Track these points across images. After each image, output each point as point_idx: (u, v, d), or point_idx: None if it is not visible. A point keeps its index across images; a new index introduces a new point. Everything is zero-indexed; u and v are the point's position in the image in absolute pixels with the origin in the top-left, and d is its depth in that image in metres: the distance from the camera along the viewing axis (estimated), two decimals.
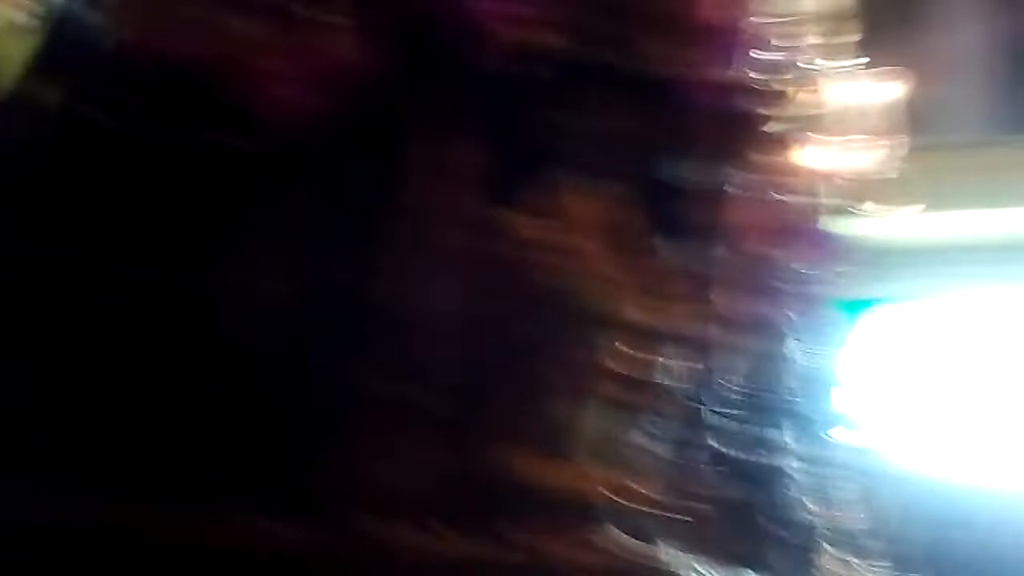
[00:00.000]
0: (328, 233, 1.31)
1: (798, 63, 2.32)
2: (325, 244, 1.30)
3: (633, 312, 1.22)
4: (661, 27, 1.30)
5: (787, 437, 1.82)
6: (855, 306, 3.97)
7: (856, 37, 2.56)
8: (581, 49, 1.27)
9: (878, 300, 4.13)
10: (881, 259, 2.75)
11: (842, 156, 2.42)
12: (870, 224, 2.44)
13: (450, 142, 1.27)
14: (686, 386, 1.31)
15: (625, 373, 1.20)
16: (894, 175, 2.39)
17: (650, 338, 1.23)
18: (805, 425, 1.80)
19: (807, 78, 2.39)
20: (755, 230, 1.56)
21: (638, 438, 1.27)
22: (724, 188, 1.37)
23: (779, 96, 1.44)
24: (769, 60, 1.45)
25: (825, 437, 1.93)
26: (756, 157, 1.40)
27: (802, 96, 2.35)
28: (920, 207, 3.69)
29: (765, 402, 1.75)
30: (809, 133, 2.47)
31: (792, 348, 1.88)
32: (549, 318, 1.18)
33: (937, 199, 3.84)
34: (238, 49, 1.36)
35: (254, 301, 1.27)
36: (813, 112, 2.46)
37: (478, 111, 1.28)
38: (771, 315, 1.64)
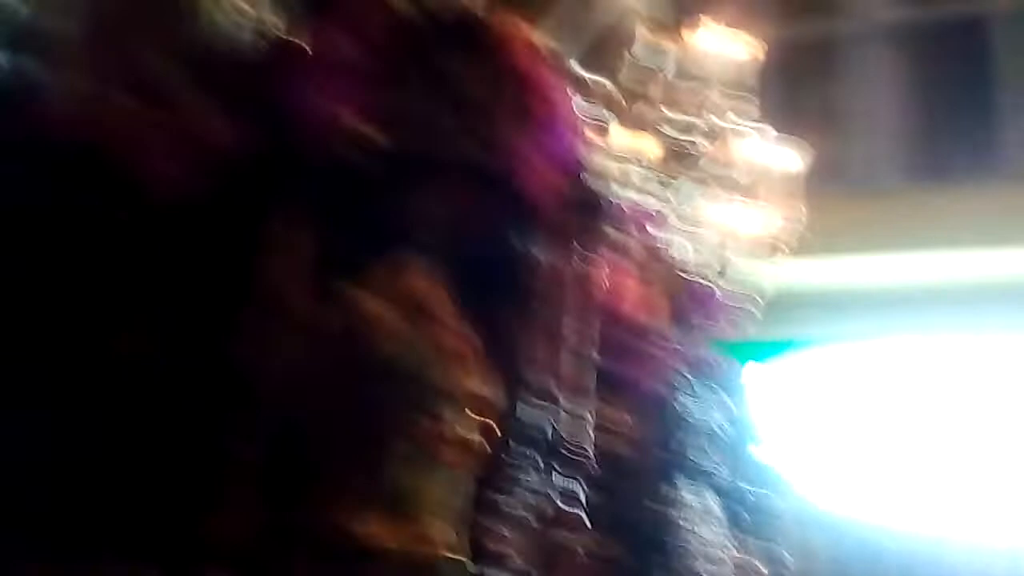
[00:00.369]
0: (192, 295, 1.38)
1: (706, 123, 2.42)
2: (188, 305, 1.37)
3: (473, 382, 1.26)
4: (492, 120, 1.37)
5: (682, 491, 1.85)
6: (766, 351, 4.07)
7: (759, 99, 2.67)
8: (414, 141, 1.34)
9: (792, 344, 4.24)
10: (797, 304, 2.81)
11: (748, 212, 2.52)
12: (784, 271, 2.52)
13: (300, 221, 1.34)
14: (540, 448, 1.34)
15: (467, 439, 1.24)
16: (801, 227, 2.48)
17: (490, 406, 1.27)
18: (703, 477, 1.84)
19: (716, 137, 2.50)
20: (612, 300, 1.62)
21: (492, 499, 1.30)
22: (567, 262, 1.42)
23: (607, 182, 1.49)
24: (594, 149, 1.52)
25: (732, 484, 1.97)
26: (602, 235, 1.46)
27: (711, 154, 2.46)
28: (834, 253, 3.79)
29: (656, 459, 1.78)
30: (718, 190, 2.57)
31: (685, 404, 1.93)
32: (392, 386, 1.22)
33: (851, 245, 3.96)
34: (122, 125, 1.48)
35: (127, 357, 1.36)
36: (721, 170, 2.56)
37: (325, 196, 1.35)
38: (643, 376, 1.69)
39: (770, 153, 2.72)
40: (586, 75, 1.74)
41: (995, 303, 3.82)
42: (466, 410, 1.27)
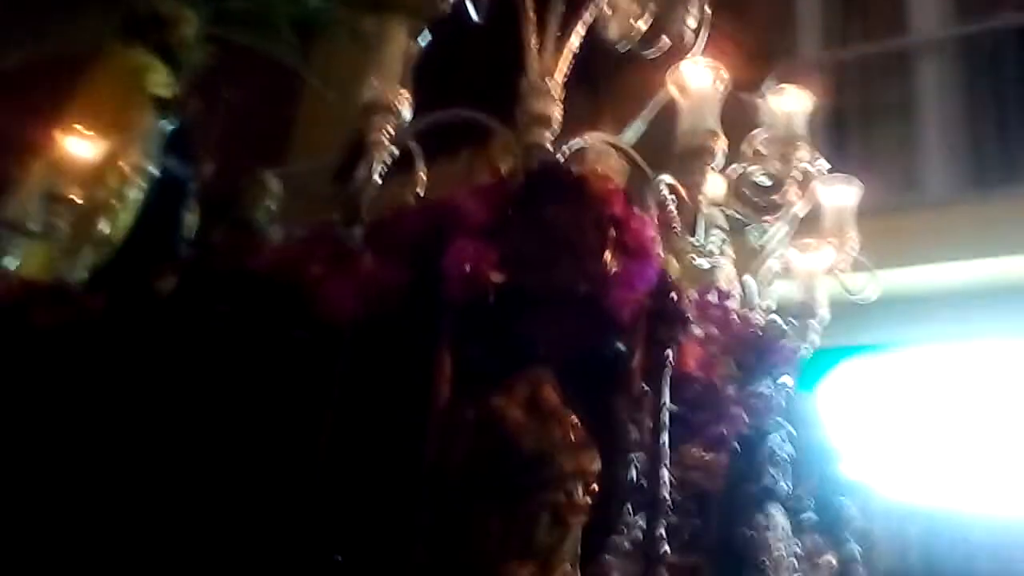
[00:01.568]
0: (377, 406, 1.83)
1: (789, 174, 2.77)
2: (378, 414, 1.83)
3: (587, 461, 1.66)
4: (587, 256, 1.77)
5: (776, 518, 2.21)
6: (839, 355, 4.34)
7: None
8: (529, 278, 1.74)
9: (862, 349, 4.49)
10: (866, 312, 3.10)
11: (827, 251, 2.84)
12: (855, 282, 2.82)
13: (453, 343, 1.76)
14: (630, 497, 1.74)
15: (586, 504, 1.64)
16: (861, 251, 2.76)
17: (597, 474, 1.66)
18: (782, 500, 2.19)
19: (798, 185, 2.84)
20: (702, 372, 2.00)
21: (597, 541, 1.70)
22: (662, 358, 1.81)
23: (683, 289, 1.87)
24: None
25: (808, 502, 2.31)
26: (680, 334, 1.84)
27: (789, 200, 2.80)
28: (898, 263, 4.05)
29: (745, 492, 2.15)
30: (802, 236, 2.91)
31: (771, 440, 2.28)
32: (534, 473, 1.63)
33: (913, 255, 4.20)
34: (301, 265, 1.98)
35: (325, 462, 1.83)
36: (804, 215, 2.90)
37: (469, 325, 1.77)
38: (723, 422, 2.06)
39: (837, 191, 3.03)
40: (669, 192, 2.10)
41: None
42: (584, 483, 1.66)
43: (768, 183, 2.76)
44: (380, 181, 2.18)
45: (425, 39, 2.21)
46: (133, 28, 3.73)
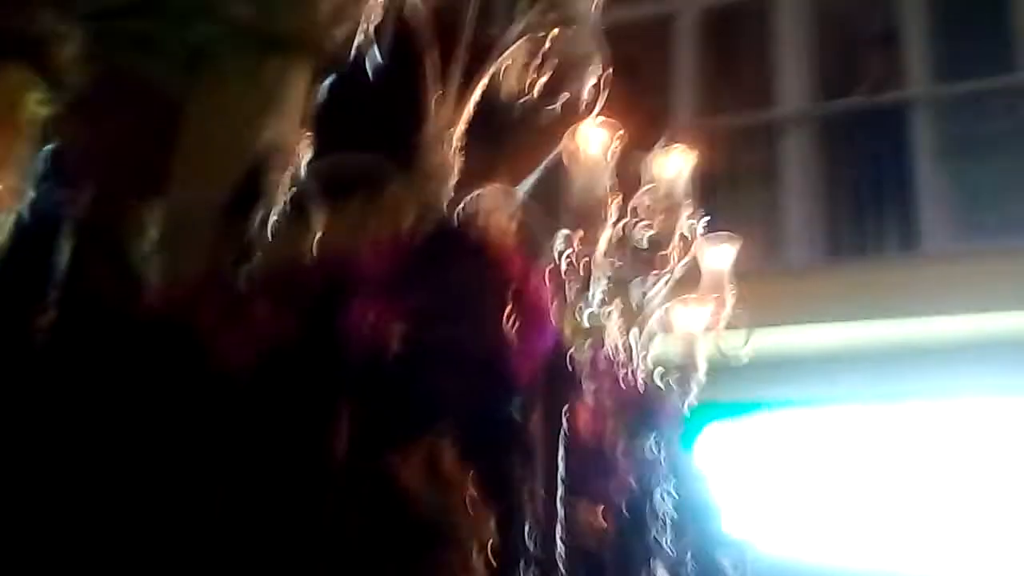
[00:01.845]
0: (272, 462, 1.77)
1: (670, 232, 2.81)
2: (272, 471, 1.76)
3: (483, 524, 1.64)
4: (486, 317, 1.76)
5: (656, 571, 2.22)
6: (713, 413, 4.49)
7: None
8: (426, 335, 1.72)
9: (734, 407, 4.66)
10: (762, 369, 3.17)
11: (705, 308, 2.89)
12: (737, 343, 2.88)
13: (340, 403, 1.72)
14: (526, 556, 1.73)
15: (482, 567, 1.62)
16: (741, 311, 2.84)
17: (493, 536, 1.64)
18: (663, 557, 2.21)
19: (680, 244, 2.88)
20: (592, 432, 2.00)
21: None
22: (557, 420, 1.81)
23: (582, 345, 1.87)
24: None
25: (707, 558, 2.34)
26: (574, 395, 1.84)
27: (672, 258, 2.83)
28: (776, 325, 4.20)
29: (632, 549, 2.16)
30: (683, 293, 2.95)
31: (655, 497, 2.30)
32: (429, 539, 1.60)
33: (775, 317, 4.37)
34: (191, 310, 1.91)
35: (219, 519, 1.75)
36: (684, 273, 2.94)
37: (363, 381, 1.73)
38: (608, 484, 2.07)
39: (715, 250, 3.11)
40: (565, 250, 2.11)
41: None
42: (479, 547, 1.64)
43: (648, 243, 2.81)
44: (276, 223, 2.13)
45: (327, 82, 2.17)
46: (12, 45, 3.54)
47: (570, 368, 1.86)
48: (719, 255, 3.09)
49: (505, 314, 1.78)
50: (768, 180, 5.38)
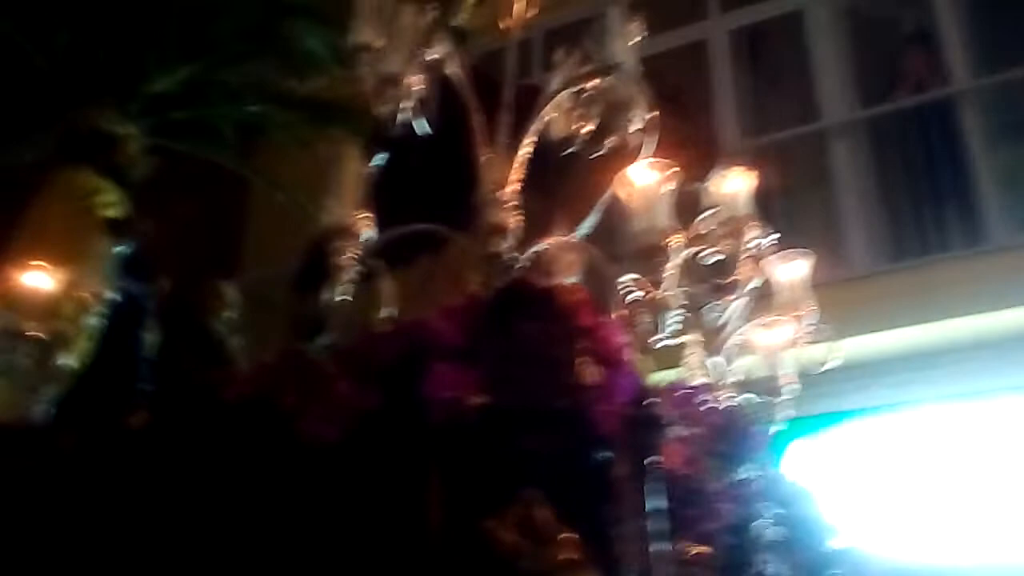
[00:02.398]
0: (363, 534, 1.77)
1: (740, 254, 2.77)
2: (365, 542, 1.76)
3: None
4: (563, 370, 1.75)
5: None
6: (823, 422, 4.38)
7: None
8: (509, 398, 1.72)
9: (843, 415, 4.55)
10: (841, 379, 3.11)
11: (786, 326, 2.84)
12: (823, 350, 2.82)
13: (431, 470, 1.72)
14: None
15: None
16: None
17: None
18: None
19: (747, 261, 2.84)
20: (684, 469, 1.97)
21: None
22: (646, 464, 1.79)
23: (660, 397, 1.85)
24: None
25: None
26: (661, 439, 1.82)
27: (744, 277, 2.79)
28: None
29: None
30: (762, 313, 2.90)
31: (760, 525, 2.25)
32: None
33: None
34: (275, 392, 1.93)
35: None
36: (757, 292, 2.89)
37: (451, 449, 1.73)
38: (710, 516, 2.03)
39: (787, 266, 3.05)
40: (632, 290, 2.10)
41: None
42: None
43: (717, 268, 2.77)
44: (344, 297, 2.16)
45: (380, 160, 2.20)
46: (78, 149, 3.66)
47: (653, 409, 1.83)
48: (792, 270, 3.04)
49: (581, 365, 1.77)
50: (823, 190, 5.30)
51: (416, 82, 2.18)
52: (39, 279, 2.83)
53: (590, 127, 2.32)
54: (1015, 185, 4.88)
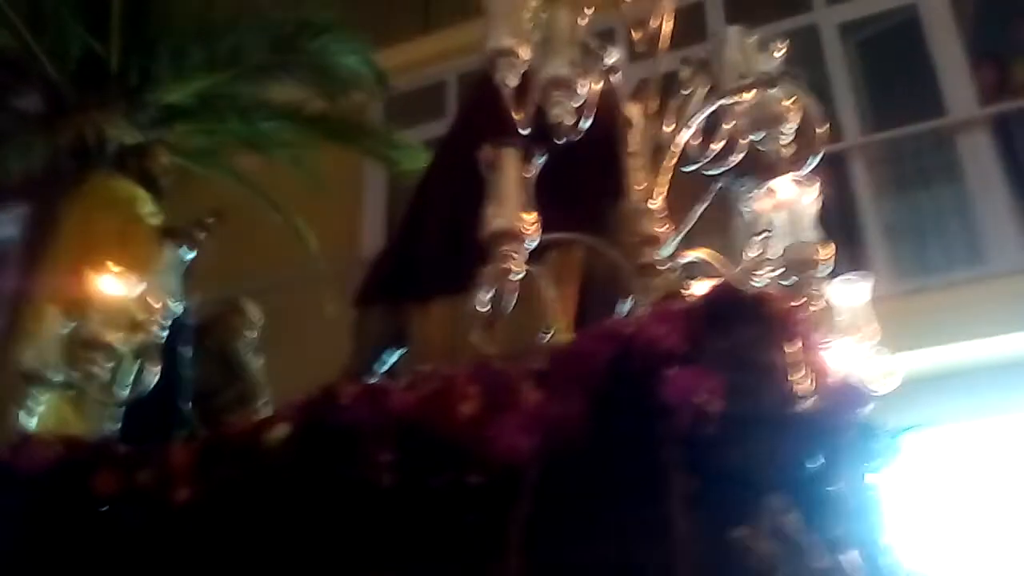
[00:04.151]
0: (577, 549, 1.68)
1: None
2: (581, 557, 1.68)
3: None
4: (779, 375, 1.71)
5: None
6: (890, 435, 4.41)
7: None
8: (741, 403, 1.67)
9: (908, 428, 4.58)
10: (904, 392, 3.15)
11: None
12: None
13: (675, 480, 1.65)
14: None
15: None
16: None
17: None
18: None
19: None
20: None
21: None
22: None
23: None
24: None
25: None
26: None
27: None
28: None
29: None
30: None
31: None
32: None
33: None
34: (468, 409, 1.83)
35: None
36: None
37: (687, 456, 1.66)
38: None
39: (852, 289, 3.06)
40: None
41: None
42: None
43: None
44: (507, 309, 2.07)
45: (540, 162, 2.13)
46: (111, 157, 3.47)
47: (870, 416, 1.83)
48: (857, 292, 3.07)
49: (797, 370, 1.74)
50: (952, 186, 5.43)
51: (579, 86, 2.13)
52: (113, 285, 2.65)
53: (742, 140, 2.31)
54: None
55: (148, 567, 2.10)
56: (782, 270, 2.24)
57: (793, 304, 1.84)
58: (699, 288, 2.10)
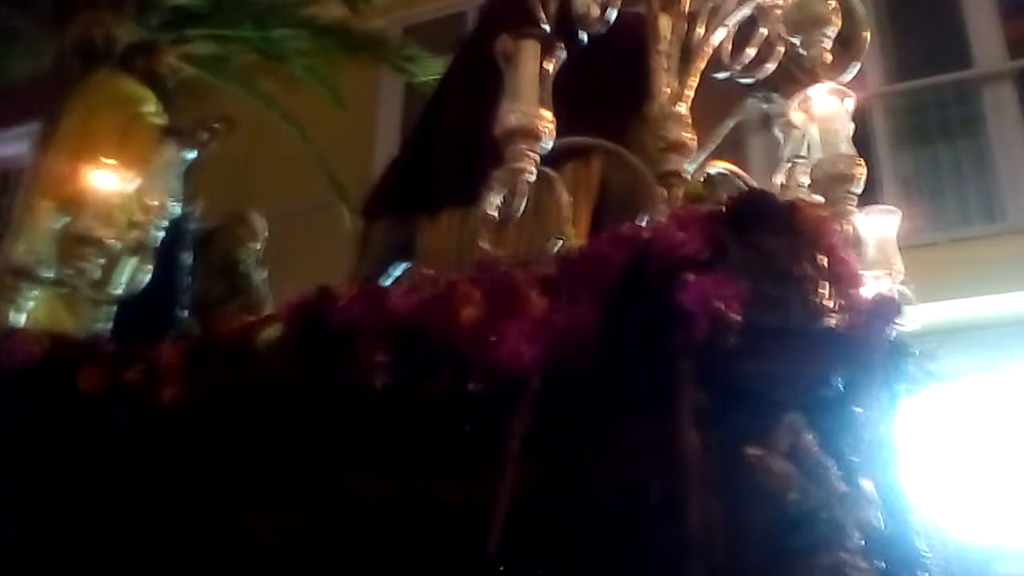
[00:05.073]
0: (580, 462, 1.58)
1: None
2: (583, 471, 1.57)
3: (853, 508, 1.47)
4: (814, 288, 1.59)
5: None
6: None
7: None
8: (754, 315, 1.55)
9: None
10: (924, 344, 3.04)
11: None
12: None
13: (684, 392, 1.54)
14: None
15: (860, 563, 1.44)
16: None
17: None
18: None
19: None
20: None
21: None
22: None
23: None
24: None
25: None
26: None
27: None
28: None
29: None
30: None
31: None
32: (804, 530, 1.42)
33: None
34: (470, 314, 1.72)
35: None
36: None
37: (702, 368, 1.55)
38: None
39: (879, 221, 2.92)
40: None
41: None
42: (852, 533, 1.47)
43: None
44: (518, 213, 1.95)
45: (559, 59, 1.99)
46: (121, 56, 3.35)
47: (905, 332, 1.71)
48: (884, 225, 2.93)
49: (825, 281, 1.62)
50: (973, 140, 5.28)
51: None
52: (108, 180, 2.54)
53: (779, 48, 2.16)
54: None
55: (135, 466, 2.02)
56: (813, 185, 2.09)
57: (825, 214, 1.70)
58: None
